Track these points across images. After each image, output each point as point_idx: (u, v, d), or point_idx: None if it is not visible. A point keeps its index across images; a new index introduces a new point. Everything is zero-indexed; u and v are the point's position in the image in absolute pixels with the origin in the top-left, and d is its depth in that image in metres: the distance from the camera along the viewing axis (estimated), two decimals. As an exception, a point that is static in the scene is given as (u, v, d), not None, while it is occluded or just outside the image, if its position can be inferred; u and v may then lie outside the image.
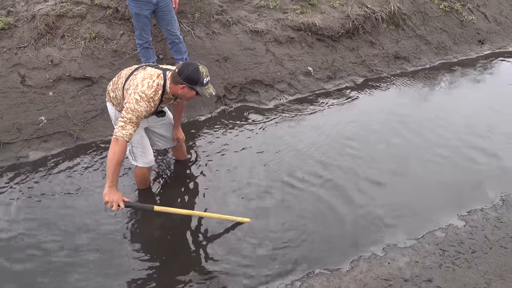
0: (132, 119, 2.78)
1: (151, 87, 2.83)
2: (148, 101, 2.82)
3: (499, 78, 5.78)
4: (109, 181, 2.76)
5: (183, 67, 2.82)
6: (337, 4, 5.79)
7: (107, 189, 2.76)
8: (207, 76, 2.86)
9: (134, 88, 2.83)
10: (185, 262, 3.03)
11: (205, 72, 2.85)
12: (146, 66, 3.02)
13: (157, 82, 2.87)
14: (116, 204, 2.74)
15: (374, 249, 3.18)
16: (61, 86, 4.28)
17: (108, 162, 2.77)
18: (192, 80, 2.80)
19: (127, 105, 2.80)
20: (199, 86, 2.83)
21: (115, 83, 3.11)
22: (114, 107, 3.19)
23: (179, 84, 2.84)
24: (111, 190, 2.76)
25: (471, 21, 6.54)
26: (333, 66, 5.44)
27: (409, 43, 6.02)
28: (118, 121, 2.81)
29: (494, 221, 3.47)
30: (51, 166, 3.81)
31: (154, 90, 2.84)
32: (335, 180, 3.82)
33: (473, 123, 4.70)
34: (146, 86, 2.83)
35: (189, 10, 5.06)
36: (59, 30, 4.47)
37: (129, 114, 2.78)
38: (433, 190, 3.78)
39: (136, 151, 3.28)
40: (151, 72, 2.91)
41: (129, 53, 4.59)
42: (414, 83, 5.51)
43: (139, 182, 3.54)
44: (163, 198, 3.56)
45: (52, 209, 3.39)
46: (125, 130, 2.77)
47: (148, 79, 2.86)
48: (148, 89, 2.82)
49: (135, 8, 4.03)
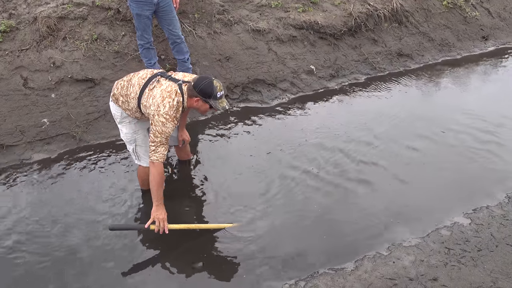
0: (162, 141, 2.90)
1: (173, 107, 2.88)
2: (173, 121, 2.90)
3: (504, 74, 5.73)
4: (155, 201, 2.99)
5: (198, 80, 2.90)
6: (339, 1, 5.76)
7: (154, 208, 2.99)
8: (221, 90, 2.91)
9: (156, 110, 2.87)
10: (185, 263, 3.02)
11: (219, 86, 2.91)
12: (160, 79, 2.99)
13: (177, 100, 2.90)
14: (162, 222, 2.96)
15: (379, 248, 3.16)
16: (63, 88, 4.29)
17: (151, 186, 2.99)
18: (206, 93, 2.86)
19: (154, 128, 2.88)
20: (213, 99, 2.89)
21: (124, 88, 3.08)
22: (119, 107, 3.17)
23: (194, 97, 2.91)
24: (158, 208, 2.99)
25: (474, 17, 6.49)
26: (335, 64, 5.41)
27: (412, 40, 5.98)
28: (150, 147, 2.94)
29: (500, 218, 3.44)
30: (54, 168, 3.81)
31: (176, 109, 2.90)
32: (339, 180, 3.80)
33: (478, 120, 4.66)
34: (168, 107, 2.86)
35: (190, 10, 5.05)
36: (61, 32, 4.48)
37: (157, 138, 2.89)
38: (438, 188, 3.75)
39: (139, 150, 3.28)
40: (168, 89, 2.91)
41: (131, 54, 4.59)
42: (417, 81, 5.48)
43: (142, 183, 3.54)
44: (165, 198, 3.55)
45: (56, 210, 3.39)
46: (158, 153, 2.92)
47: (167, 98, 2.88)
48: (170, 109, 2.87)
49: (136, 9, 4.02)
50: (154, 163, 2.93)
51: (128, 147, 3.32)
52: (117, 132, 4.18)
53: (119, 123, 3.25)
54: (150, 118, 2.93)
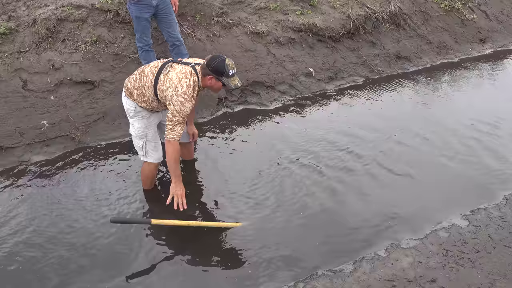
0: (179, 121, 2.99)
1: (190, 86, 2.99)
2: (190, 100, 3.00)
3: (502, 76, 5.76)
4: (174, 177, 3.14)
5: (210, 59, 3.00)
6: (337, 4, 5.79)
7: (173, 184, 3.14)
8: (233, 68, 3.01)
9: (174, 91, 2.97)
10: (184, 267, 3.03)
11: (231, 64, 3.00)
12: (172, 64, 3.10)
13: (193, 80, 3.01)
14: (180, 198, 3.12)
15: (377, 250, 3.16)
16: (62, 90, 4.29)
17: (169, 163, 3.10)
18: (218, 71, 2.96)
19: (172, 108, 2.97)
20: (225, 77, 2.99)
21: (137, 81, 3.15)
22: (133, 101, 3.21)
23: (208, 75, 3.00)
24: (177, 185, 3.14)
25: (472, 20, 6.53)
26: (334, 66, 5.43)
27: (410, 42, 6.01)
28: (166, 125, 3.02)
29: (497, 220, 3.45)
30: (53, 170, 3.81)
31: (193, 88, 3.01)
32: (338, 181, 3.81)
33: (476, 121, 4.69)
34: (185, 87, 2.97)
35: (190, 12, 5.07)
36: (60, 34, 4.49)
37: (175, 117, 2.98)
38: (436, 190, 3.76)
39: (149, 146, 3.32)
40: (183, 71, 3.03)
41: (130, 56, 4.60)
42: (415, 83, 5.50)
43: (145, 181, 3.54)
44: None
45: (55, 212, 3.39)
46: (175, 131, 3.01)
47: (184, 78, 2.99)
48: (187, 89, 2.97)
49: (136, 12, 4.04)
50: (170, 141, 3.02)
51: (137, 142, 3.33)
52: (116, 134, 4.22)
53: (131, 118, 3.29)
54: (168, 100, 3.01)
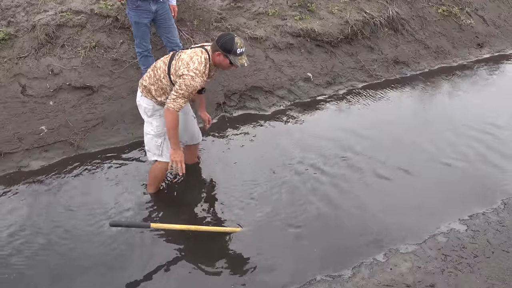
0: (184, 94, 3.02)
1: (201, 63, 3.04)
2: (201, 76, 3.03)
3: (500, 81, 5.79)
4: (173, 144, 3.20)
5: (220, 36, 3.08)
6: (335, 10, 5.82)
7: (172, 151, 3.21)
8: (241, 47, 3.04)
9: (186, 67, 3.01)
10: (182, 272, 3.03)
11: (240, 43, 3.03)
12: (183, 50, 3.18)
13: (204, 57, 3.06)
14: (180, 163, 3.20)
15: (376, 255, 3.17)
16: (61, 95, 4.30)
17: (168, 131, 3.16)
18: (226, 48, 3.00)
19: (181, 81, 3.00)
20: (233, 55, 3.02)
21: (152, 77, 3.22)
22: (150, 99, 3.28)
23: (216, 51, 3.05)
24: (176, 151, 3.21)
25: (469, 25, 6.56)
26: (332, 71, 5.45)
27: (408, 47, 6.04)
28: (171, 94, 3.06)
29: (496, 225, 3.46)
30: (52, 176, 3.81)
31: (204, 65, 3.05)
32: (336, 188, 3.81)
33: (474, 126, 4.70)
34: (197, 63, 3.02)
35: (188, 17, 5.09)
36: (59, 39, 4.50)
37: (182, 90, 3.01)
38: (434, 195, 3.77)
39: (166, 145, 3.35)
40: (195, 50, 3.11)
41: (129, 61, 4.61)
42: (413, 87, 5.52)
43: (153, 183, 3.58)
44: (167, 201, 3.57)
45: (54, 217, 3.39)
46: (176, 102, 3.04)
47: (195, 56, 3.05)
48: (199, 65, 3.02)
49: (135, 17, 4.05)
50: (170, 110, 3.06)
51: (156, 140, 3.35)
52: (115, 140, 4.23)
53: (149, 117, 3.33)
54: (180, 76, 3.03)
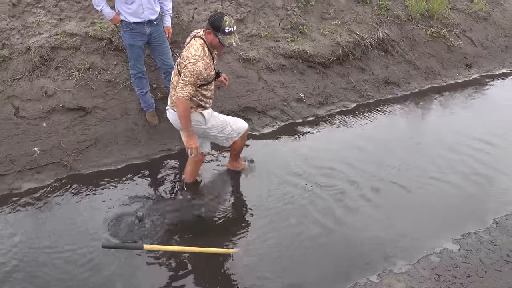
0: (190, 81, 3.14)
1: (198, 49, 3.17)
2: (202, 59, 3.14)
3: (489, 100, 5.88)
4: (187, 131, 3.35)
5: (212, 14, 3.21)
6: (327, 32, 5.93)
7: (187, 138, 3.38)
8: (230, 26, 3.11)
9: (186, 58, 3.18)
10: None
11: (229, 22, 3.11)
12: None
13: (199, 43, 3.21)
14: (195, 149, 3.39)
15: (370, 276, 3.17)
16: (54, 117, 4.31)
17: (181, 119, 3.29)
18: (215, 26, 3.10)
19: (186, 69, 3.14)
20: (221, 33, 3.10)
21: (173, 87, 3.38)
22: (195, 112, 3.43)
23: (207, 29, 3.16)
24: (190, 138, 3.37)
25: (458, 46, 6.70)
26: (324, 92, 5.52)
27: (398, 68, 6.14)
28: (179, 84, 3.20)
29: (488, 244, 3.48)
30: (44, 198, 3.79)
31: (202, 49, 3.18)
32: (330, 209, 3.83)
33: (465, 146, 4.76)
34: (193, 51, 3.16)
35: (182, 39, 5.14)
36: (54, 61, 4.53)
37: (187, 77, 3.14)
38: (427, 214, 3.79)
39: (233, 124, 3.66)
40: (190, 43, 3.26)
41: (123, 83, 4.65)
42: (404, 108, 5.60)
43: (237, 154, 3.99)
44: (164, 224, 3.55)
45: (46, 240, 3.36)
46: (185, 90, 3.16)
47: (191, 47, 3.20)
48: (196, 51, 3.16)
49: (129, 39, 4.10)
50: (180, 99, 3.18)
51: (226, 130, 3.62)
52: (108, 161, 4.23)
53: (207, 123, 3.51)
54: (184, 67, 3.16)
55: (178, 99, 3.19)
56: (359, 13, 6.29)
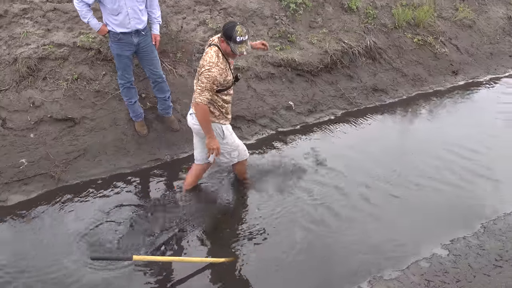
0: (207, 86, 3.25)
1: (212, 56, 3.28)
2: (216, 65, 3.25)
3: (475, 106, 5.96)
4: (209, 134, 3.45)
5: (226, 23, 3.34)
6: (315, 40, 5.98)
7: (209, 140, 3.46)
8: (241, 36, 3.18)
9: (203, 65, 3.29)
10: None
11: (241, 31, 3.17)
12: None
13: (213, 50, 3.31)
14: (217, 149, 3.48)
15: (360, 283, 3.18)
16: (42, 127, 4.28)
17: (201, 123, 3.40)
18: (227, 35, 3.19)
19: (201, 76, 3.26)
20: (232, 42, 3.19)
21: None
22: (216, 121, 3.53)
23: (221, 38, 3.27)
24: (212, 140, 3.47)
25: (444, 53, 6.80)
26: (313, 100, 5.56)
27: (386, 75, 6.21)
28: (196, 90, 3.32)
29: (476, 248, 3.51)
30: (31, 209, 3.74)
31: (216, 56, 3.28)
32: (319, 217, 3.84)
33: (452, 151, 4.81)
34: (208, 58, 3.28)
35: (171, 49, 5.16)
36: (41, 72, 4.51)
37: (203, 83, 3.25)
38: (416, 220, 3.82)
39: (241, 150, 3.73)
40: (206, 51, 3.37)
41: (112, 93, 4.64)
42: (392, 114, 5.65)
43: (244, 174, 4.06)
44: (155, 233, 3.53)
45: (34, 252, 3.32)
46: (203, 96, 3.27)
47: (206, 55, 3.32)
48: (210, 58, 3.27)
49: (117, 50, 4.10)
50: (199, 104, 3.29)
51: (233, 154, 3.71)
52: (96, 171, 4.20)
53: (223, 139, 3.60)
54: (200, 74, 3.28)
55: (196, 104, 3.31)
56: (347, 21, 6.37)
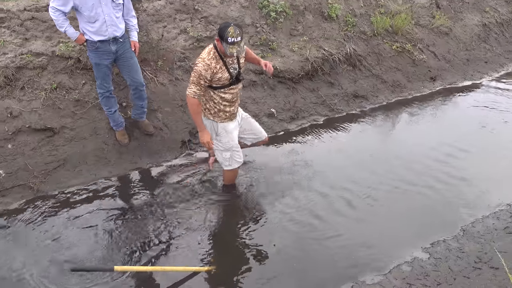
0: (193, 80, 3.41)
1: (204, 52, 3.44)
2: (203, 61, 3.38)
3: (452, 111, 6.09)
4: (199, 127, 3.59)
5: (221, 24, 3.50)
6: (296, 48, 6.04)
7: (200, 133, 3.60)
8: (233, 37, 3.24)
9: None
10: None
11: (232, 33, 3.23)
12: None
13: (209, 47, 3.45)
14: (207, 144, 3.60)
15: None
16: (20, 138, 4.21)
17: (191, 114, 3.58)
18: (220, 35, 3.29)
19: (193, 70, 3.41)
20: (225, 42, 3.26)
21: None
22: (212, 119, 3.65)
23: (216, 37, 3.35)
24: (203, 133, 3.60)
25: (422, 60, 6.94)
26: (295, 107, 5.60)
27: (366, 82, 6.30)
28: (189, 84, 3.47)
29: (456, 251, 3.56)
30: (9, 222, 3.66)
31: (207, 53, 3.41)
32: (298, 223, 3.86)
33: (430, 156, 4.90)
34: (202, 54, 3.43)
35: (152, 57, 5.15)
36: (19, 81, 4.44)
37: (191, 77, 3.43)
38: (396, 224, 3.87)
39: (234, 155, 3.77)
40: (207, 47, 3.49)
41: (92, 102, 4.59)
42: (372, 120, 5.73)
43: (229, 182, 4.16)
44: (138, 243, 3.48)
45: (12, 264, 3.24)
46: (190, 89, 3.44)
47: (204, 50, 3.45)
48: (202, 54, 3.43)
49: (95, 59, 4.06)
50: (188, 96, 3.46)
51: (225, 154, 3.77)
52: (76, 182, 4.15)
53: (217, 135, 3.71)
54: None
55: (186, 96, 3.46)
56: (327, 29, 6.45)
